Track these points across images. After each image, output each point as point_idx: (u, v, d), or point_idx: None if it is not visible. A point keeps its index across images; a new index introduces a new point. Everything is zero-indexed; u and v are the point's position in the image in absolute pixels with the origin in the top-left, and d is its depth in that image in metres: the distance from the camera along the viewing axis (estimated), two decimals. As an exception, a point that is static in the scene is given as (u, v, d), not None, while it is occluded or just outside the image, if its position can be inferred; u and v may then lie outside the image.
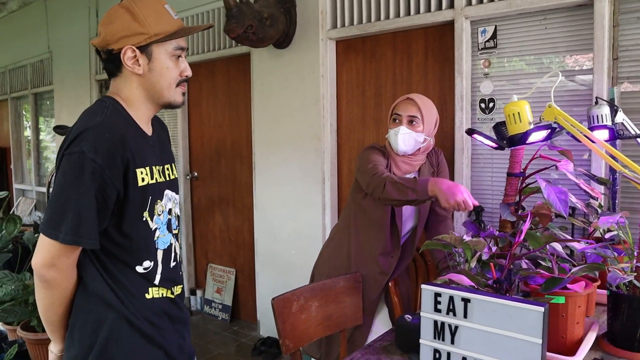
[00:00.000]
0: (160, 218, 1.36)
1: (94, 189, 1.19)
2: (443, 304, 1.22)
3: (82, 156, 1.18)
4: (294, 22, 3.35)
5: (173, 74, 1.33)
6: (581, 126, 1.30)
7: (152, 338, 1.33)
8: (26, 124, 6.95)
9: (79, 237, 1.19)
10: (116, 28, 1.26)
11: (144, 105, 1.35)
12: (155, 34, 1.27)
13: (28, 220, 5.89)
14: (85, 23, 5.27)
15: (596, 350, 1.40)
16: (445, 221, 2.16)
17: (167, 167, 1.42)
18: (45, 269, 1.22)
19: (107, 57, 1.30)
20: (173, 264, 1.41)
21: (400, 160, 2.07)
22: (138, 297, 1.32)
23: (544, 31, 2.46)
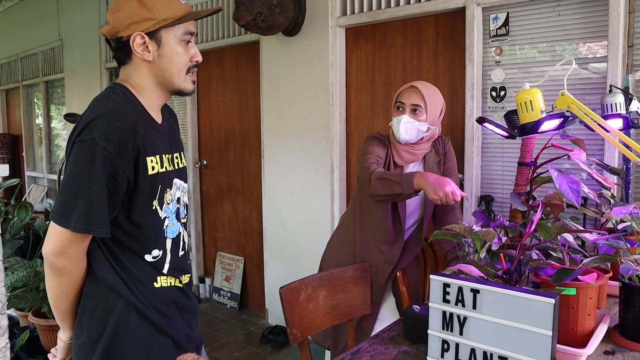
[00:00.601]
0: (169, 207, 1.35)
1: (105, 177, 1.18)
2: (452, 294, 1.21)
3: (93, 144, 1.17)
4: (303, 9, 3.32)
5: (183, 60, 1.31)
6: (595, 115, 1.27)
7: (161, 326, 1.33)
8: (37, 111, 6.99)
9: (90, 226, 1.18)
10: (124, 15, 1.25)
11: (154, 92, 1.33)
12: (164, 19, 1.25)
13: (40, 207, 5.93)
14: (96, 11, 5.26)
15: (607, 343, 1.38)
16: (454, 211, 2.11)
17: (177, 155, 1.40)
18: (56, 257, 1.21)
19: (116, 45, 1.29)
20: (181, 253, 1.41)
21: (402, 149, 2.04)
22: (147, 286, 1.32)
23: (557, 18, 2.42)
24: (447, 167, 2.12)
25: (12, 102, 7.60)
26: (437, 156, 2.11)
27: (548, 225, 1.39)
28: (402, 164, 2.07)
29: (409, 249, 2.16)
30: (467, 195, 2.71)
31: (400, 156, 2.05)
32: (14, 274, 2.89)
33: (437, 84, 2.86)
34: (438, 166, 2.11)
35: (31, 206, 3.67)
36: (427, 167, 2.09)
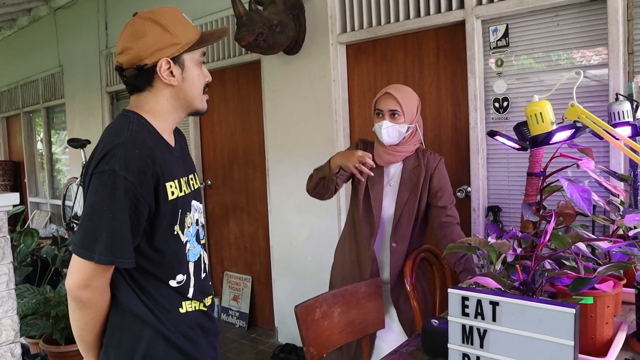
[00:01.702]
0: (190, 230, 1.35)
1: (127, 206, 1.18)
2: (471, 307, 1.21)
3: (113, 174, 1.16)
4: (303, 28, 3.36)
5: (202, 81, 1.34)
6: (605, 124, 1.28)
7: (188, 353, 1.33)
8: (38, 137, 7.02)
9: (115, 257, 1.18)
10: (149, 42, 1.25)
11: (172, 116, 1.34)
12: (187, 43, 1.28)
13: (44, 233, 5.93)
14: (95, 36, 5.32)
15: (626, 350, 1.38)
16: (451, 227, 2.14)
17: (191, 177, 1.41)
18: (80, 290, 1.20)
19: (137, 72, 1.27)
20: (203, 275, 1.41)
21: (382, 151, 2.18)
22: (172, 312, 1.32)
23: (557, 28, 2.45)
24: (435, 185, 2.18)
25: (13, 129, 7.64)
26: (416, 161, 2.20)
27: (562, 235, 1.39)
28: (382, 164, 2.21)
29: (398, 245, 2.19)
30: (475, 207, 2.72)
31: (380, 157, 2.20)
32: (24, 302, 2.88)
33: (439, 97, 2.89)
34: (414, 171, 2.19)
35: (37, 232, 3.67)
36: (405, 169, 2.20)
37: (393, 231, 2.20)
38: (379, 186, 2.21)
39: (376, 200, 2.20)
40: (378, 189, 2.21)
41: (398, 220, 2.19)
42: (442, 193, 2.17)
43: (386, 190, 2.21)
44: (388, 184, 2.22)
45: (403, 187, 2.19)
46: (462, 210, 2.83)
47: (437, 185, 2.17)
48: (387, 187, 2.22)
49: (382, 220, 2.22)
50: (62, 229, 5.75)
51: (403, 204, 2.18)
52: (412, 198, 2.18)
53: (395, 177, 2.22)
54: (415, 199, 2.18)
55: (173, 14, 1.29)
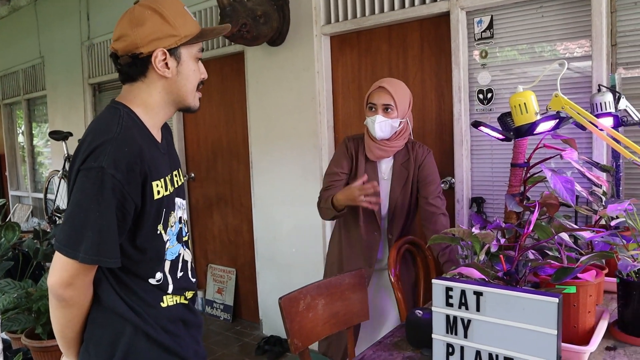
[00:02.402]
0: (172, 229, 1.33)
1: (114, 205, 1.14)
2: (455, 298, 1.21)
3: (101, 172, 1.12)
4: (287, 19, 3.33)
5: (197, 77, 1.31)
6: (589, 115, 1.29)
7: (170, 348, 1.31)
8: (19, 130, 6.90)
9: (100, 256, 1.15)
10: (147, 30, 1.21)
11: (163, 110, 1.30)
12: (185, 36, 1.24)
13: (26, 226, 5.85)
14: (77, 26, 5.23)
15: (608, 339, 1.39)
16: (436, 217, 2.17)
17: (175, 173, 1.37)
18: (63, 288, 1.17)
19: (132, 61, 1.24)
20: (180, 274, 1.38)
21: (374, 146, 2.18)
22: (154, 307, 1.30)
23: (541, 19, 2.45)
24: (423, 176, 2.20)
25: (-7, 121, 7.51)
26: (406, 155, 2.22)
27: (545, 226, 1.40)
28: (374, 159, 2.21)
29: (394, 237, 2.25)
30: (459, 198, 2.73)
31: (372, 152, 2.19)
32: (5, 296, 2.84)
33: (424, 88, 2.89)
34: (405, 165, 2.21)
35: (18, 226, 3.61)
36: (396, 163, 2.21)
37: (389, 224, 2.24)
38: (374, 181, 2.19)
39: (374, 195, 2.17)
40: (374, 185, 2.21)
41: (393, 213, 2.22)
42: (428, 184, 2.19)
43: (380, 184, 2.22)
44: (382, 179, 2.23)
45: (395, 181, 2.21)
46: (447, 201, 2.84)
47: (424, 177, 2.20)
48: (381, 181, 2.23)
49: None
50: (44, 223, 5.67)
51: (396, 197, 2.21)
52: (404, 191, 2.21)
53: (387, 172, 2.24)
54: (407, 192, 2.21)
55: (175, 5, 1.25)
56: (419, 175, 2.21)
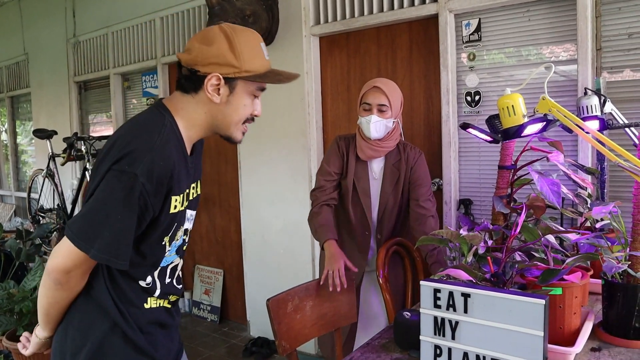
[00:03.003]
0: (176, 242, 1.35)
1: (136, 212, 1.17)
2: (443, 299, 1.22)
3: (134, 178, 1.14)
4: (276, 19, 3.32)
5: (246, 112, 1.30)
6: (576, 118, 1.30)
7: (143, 349, 1.32)
8: (3, 128, 6.81)
9: (111, 257, 1.17)
10: (211, 52, 1.22)
11: (203, 130, 1.31)
12: (246, 71, 1.23)
13: (8, 226, 5.77)
14: (62, 23, 5.17)
15: (593, 340, 1.41)
16: (425, 219, 2.18)
17: (193, 186, 1.37)
18: (62, 274, 1.20)
19: (189, 75, 1.25)
20: (168, 281, 1.39)
21: (366, 146, 2.18)
22: (137, 307, 1.31)
23: (528, 23, 2.47)
24: (414, 178, 2.22)
25: (-25, 118, 7.39)
26: (398, 155, 2.23)
27: (532, 227, 1.41)
28: (365, 159, 2.22)
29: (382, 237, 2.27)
30: (447, 199, 2.74)
31: (363, 152, 2.20)
32: (-14, 297, 2.79)
33: (412, 90, 2.90)
34: (396, 165, 2.22)
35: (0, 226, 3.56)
36: (387, 164, 2.22)
37: (378, 224, 2.26)
38: (365, 181, 2.23)
39: (365, 195, 2.23)
40: (364, 184, 2.23)
41: (383, 213, 2.23)
42: (419, 186, 2.21)
43: (371, 183, 2.24)
44: (373, 178, 2.24)
45: (386, 181, 2.22)
46: (434, 203, 2.85)
47: (415, 179, 2.22)
48: (372, 181, 2.24)
49: None
50: (27, 222, 5.60)
51: (387, 198, 2.22)
52: (395, 192, 2.22)
53: (378, 172, 2.25)
54: (397, 193, 2.22)
55: (250, 38, 1.26)
56: (411, 177, 2.22)
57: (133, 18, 4.42)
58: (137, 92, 4.69)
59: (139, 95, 4.66)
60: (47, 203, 5.14)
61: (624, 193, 2.25)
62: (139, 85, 4.62)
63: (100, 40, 4.85)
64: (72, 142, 4.33)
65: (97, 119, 5.23)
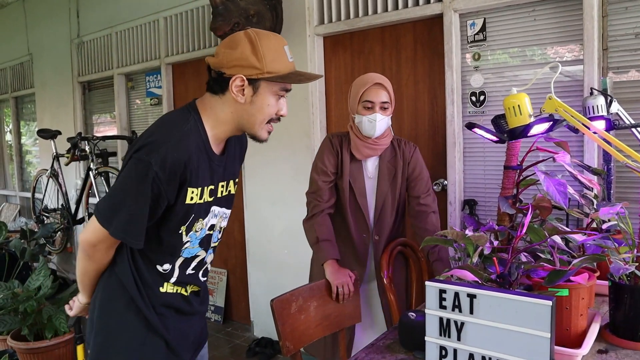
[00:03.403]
0: (196, 234, 1.44)
1: (150, 197, 1.29)
2: (448, 300, 1.21)
3: (148, 166, 1.26)
4: (280, 18, 3.32)
5: (270, 111, 1.37)
6: (583, 117, 1.29)
7: (156, 328, 1.44)
8: (7, 128, 6.83)
9: (126, 235, 1.32)
10: (235, 56, 1.31)
11: (229, 128, 1.40)
12: (268, 72, 1.30)
13: (13, 226, 5.78)
14: (66, 24, 5.18)
15: (600, 342, 1.40)
16: (426, 216, 2.15)
17: (222, 184, 1.47)
18: (89, 246, 1.37)
19: (217, 77, 1.35)
20: (191, 272, 1.49)
21: (362, 145, 2.11)
22: (153, 289, 1.44)
23: (533, 23, 2.46)
24: (412, 173, 2.17)
25: (-20, 119, 7.41)
26: (393, 152, 2.18)
27: (538, 228, 1.40)
28: (361, 158, 2.15)
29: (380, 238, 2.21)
30: (451, 200, 2.73)
31: (360, 152, 2.13)
32: (-9, 297, 2.80)
33: (417, 90, 2.90)
34: (392, 162, 2.16)
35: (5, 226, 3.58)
36: (382, 161, 2.16)
37: (375, 224, 2.19)
38: (360, 181, 2.17)
39: (361, 196, 2.17)
40: (360, 184, 2.17)
41: (380, 213, 2.18)
42: (417, 181, 2.16)
43: (366, 183, 2.18)
44: (368, 178, 2.19)
45: (382, 179, 2.17)
46: (439, 204, 2.83)
47: (412, 174, 2.17)
48: (367, 180, 2.19)
49: None
50: (31, 222, 5.61)
51: (383, 197, 2.17)
52: (392, 190, 2.17)
53: (373, 170, 2.19)
54: (394, 191, 2.17)
55: (273, 41, 1.33)
56: (409, 173, 2.17)
57: (137, 18, 4.42)
58: (140, 92, 4.69)
59: (142, 95, 4.66)
60: (51, 203, 5.15)
61: (631, 194, 2.24)
62: (143, 86, 4.63)
63: (104, 41, 4.85)
64: (76, 142, 4.34)
65: (101, 119, 5.23)
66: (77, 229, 5.20)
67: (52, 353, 2.88)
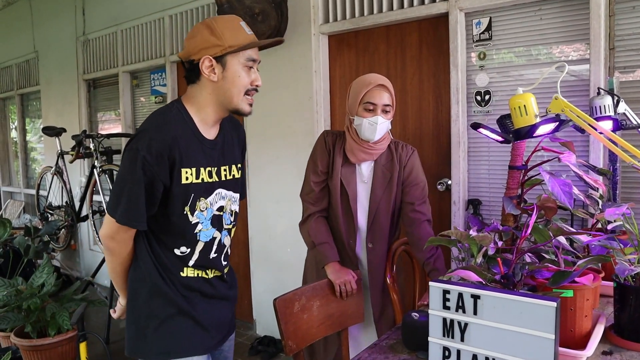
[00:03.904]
0: (203, 214, 1.53)
1: (144, 181, 1.40)
2: (452, 301, 1.20)
3: (137, 153, 1.39)
4: (285, 17, 3.31)
5: (244, 82, 1.47)
6: (589, 118, 1.28)
7: (183, 310, 1.54)
8: (12, 125, 6.85)
9: (129, 220, 1.43)
10: (197, 41, 1.44)
11: (212, 109, 1.50)
12: (230, 46, 1.43)
13: (17, 223, 5.80)
14: (72, 21, 5.19)
15: (605, 343, 1.39)
16: (419, 224, 2.04)
17: (225, 168, 1.57)
18: (107, 239, 1.49)
19: (189, 66, 1.47)
20: (213, 255, 1.58)
21: (358, 149, 2.02)
22: (174, 274, 1.54)
23: (539, 22, 2.45)
24: (410, 181, 2.07)
25: (-14, 116, 7.44)
26: (389, 156, 2.07)
27: (542, 229, 1.39)
28: (356, 162, 2.06)
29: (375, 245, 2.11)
30: (455, 200, 2.72)
31: (355, 155, 2.04)
32: (-5, 293, 2.81)
33: (421, 89, 2.89)
34: (388, 166, 2.07)
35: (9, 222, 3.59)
36: (378, 165, 2.06)
37: (369, 231, 2.09)
38: (353, 185, 2.08)
39: (354, 200, 2.07)
40: (353, 188, 2.07)
41: (373, 219, 2.08)
42: (411, 187, 2.06)
43: (359, 188, 2.09)
44: (361, 182, 2.09)
45: (376, 184, 2.06)
46: (443, 203, 2.83)
47: (407, 178, 2.06)
48: (360, 184, 2.09)
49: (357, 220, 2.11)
50: (36, 219, 5.63)
51: (377, 202, 2.06)
52: (387, 195, 2.06)
53: (367, 174, 2.09)
54: (390, 196, 2.06)
55: (228, 21, 1.46)
56: (404, 177, 2.06)
57: (142, 16, 4.43)
58: (145, 90, 4.70)
59: (147, 93, 4.67)
60: (56, 200, 5.17)
61: (637, 195, 2.22)
62: (148, 83, 4.63)
63: (109, 39, 4.86)
64: (80, 140, 4.34)
65: (106, 117, 5.24)
66: (81, 226, 5.22)
67: (55, 350, 2.89)
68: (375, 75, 2.03)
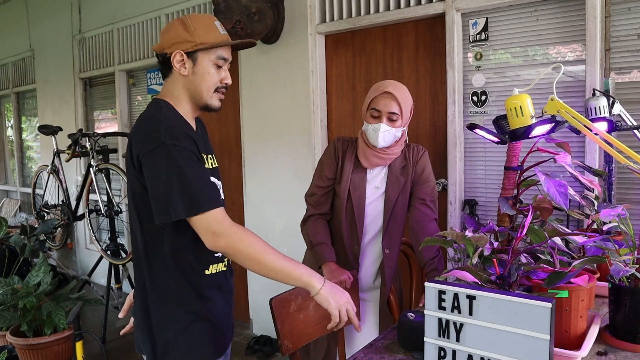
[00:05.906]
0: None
1: (193, 160, 1.39)
2: (448, 301, 1.20)
3: (164, 146, 1.35)
4: (282, 16, 3.31)
5: (213, 79, 1.50)
6: (585, 119, 1.29)
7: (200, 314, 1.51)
8: (8, 123, 6.83)
9: (212, 201, 1.37)
10: (170, 36, 1.48)
11: (187, 104, 1.52)
12: (201, 43, 1.46)
13: (13, 221, 5.78)
14: (68, 19, 5.17)
15: (599, 344, 1.39)
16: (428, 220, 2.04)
17: (210, 156, 1.58)
18: (216, 242, 1.36)
19: (162, 60, 1.51)
20: None
21: (371, 154, 2.02)
22: (199, 273, 1.51)
23: (535, 23, 2.45)
24: (421, 180, 2.07)
25: (-19, 114, 7.41)
26: (403, 161, 2.07)
27: (538, 229, 1.40)
28: (369, 167, 2.05)
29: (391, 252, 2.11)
30: (452, 200, 2.73)
31: (368, 160, 2.03)
32: (-10, 292, 2.80)
33: (418, 90, 2.89)
34: (402, 172, 2.06)
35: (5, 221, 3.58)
36: (391, 172, 2.06)
37: (384, 237, 2.08)
38: (361, 190, 2.06)
39: (359, 207, 2.06)
40: (360, 194, 2.06)
41: (387, 225, 2.06)
42: (422, 184, 2.06)
43: (370, 193, 2.07)
44: (374, 187, 2.08)
45: (390, 189, 2.05)
46: (439, 204, 2.83)
47: (420, 177, 2.07)
48: (371, 190, 2.08)
49: (365, 226, 2.09)
50: (32, 218, 5.61)
51: (391, 207, 2.05)
52: (402, 200, 2.06)
53: (380, 179, 2.08)
54: (404, 201, 2.06)
55: (203, 18, 1.50)
56: (415, 176, 2.06)
57: (138, 15, 4.42)
58: (142, 89, 4.69)
59: (144, 92, 4.66)
60: (52, 199, 5.15)
61: (632, 195, 2.23)
62: (144, 82, 4.62)
63: (105, 37, 4.85)
64: (76, 139, 4.33)
65: (102, 116, 5.23)
66: (77, 225, 5.20)
67: (51, 349, 2.88)
68: (387, 82, 2.02)
